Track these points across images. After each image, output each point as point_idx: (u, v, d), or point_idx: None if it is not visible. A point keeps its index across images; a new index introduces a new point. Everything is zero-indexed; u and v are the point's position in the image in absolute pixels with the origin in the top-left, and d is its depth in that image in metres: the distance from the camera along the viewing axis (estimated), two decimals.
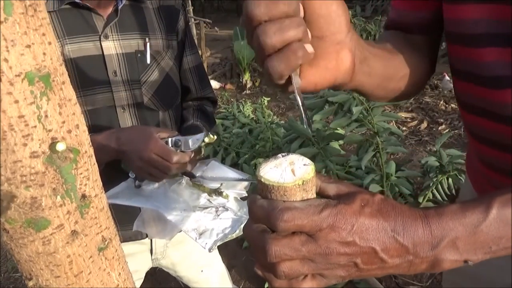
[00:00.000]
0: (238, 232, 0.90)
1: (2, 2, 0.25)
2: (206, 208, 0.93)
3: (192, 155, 0.96)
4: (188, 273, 1.37)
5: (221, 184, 0.96)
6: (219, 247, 1.46)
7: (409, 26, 0.71)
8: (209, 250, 0.87)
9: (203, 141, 0.96)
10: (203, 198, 0.94)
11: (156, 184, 0.95)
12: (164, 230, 0.96)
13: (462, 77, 0.64)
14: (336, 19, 0.43)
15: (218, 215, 0.92)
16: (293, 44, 0.39)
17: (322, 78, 0.46)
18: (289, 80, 0.43)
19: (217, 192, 0.94)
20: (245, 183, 0.99)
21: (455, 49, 0.63)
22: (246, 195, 0.99)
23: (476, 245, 0.41)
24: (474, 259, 0.42)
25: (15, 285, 2.38)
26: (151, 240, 1.22)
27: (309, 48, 0.40)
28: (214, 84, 5.83)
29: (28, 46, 0.27)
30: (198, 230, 0.89)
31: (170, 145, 0.95)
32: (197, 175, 1.00)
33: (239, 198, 0.97)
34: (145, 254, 1.25)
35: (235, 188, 0.97)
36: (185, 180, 0.94)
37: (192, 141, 0.95)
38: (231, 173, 0.99)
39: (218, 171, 1.00)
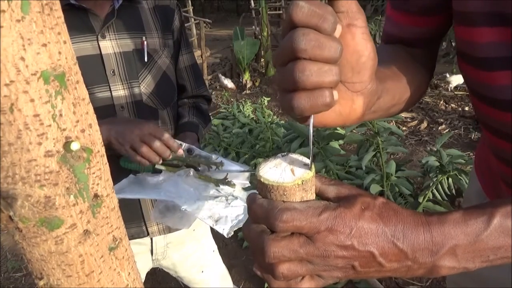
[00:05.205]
0: None
1: (19, 1, 0.25)
2: (216, 197, 0.96)
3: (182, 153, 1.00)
4: (189, 274, 1.37)
5: (227, 174, 0.98)
6: (219, 247, 1.47)
7: (410, 40, 0.70)
8: (227, 235, 0.90)
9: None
10: (211, 189, 0.97)
11: (161, 177, 0.96)
12: (181, 219, 0.99)
13: (475, 95, 0.64)
14: (362, 70, 0.43)
15: (229, 203, 0.95)
16: (325, 91, 0.39)
17: (333, 121, 0.46)
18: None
19: (224, 182, 0.97)
20: (247, 174, 1.02)
21: (468, 69, 0.62)
22: (249, 185, 1.02)
23: (474, 254, 0.41)
24: (471, 267, 0.42)
25: (15, 285, 2.37)
26: (151, 241, 1.22)
27: (335, 95, 0.40)
28: (226, 82, 5.83)
29: (44, 45, 0.27)
30: (213, 217, 0.92)
31: (182, 149, 0.99)
32: (200, 168, 1.02)
33: (242, 189, 1.00)
34: (146, 254, 1.25)
35: (238, 179, 1.00)
36: (192, 172, 0.96)
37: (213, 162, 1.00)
38: (233, 166, 1.02)
39: None
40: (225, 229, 0.88)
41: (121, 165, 1.02)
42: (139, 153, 0.93)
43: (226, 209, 0.93)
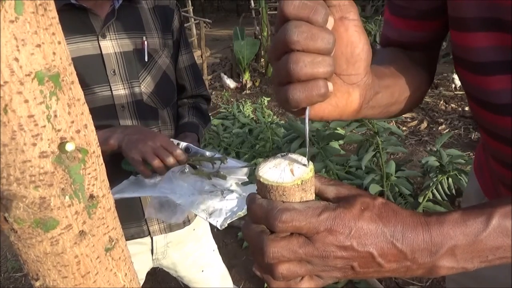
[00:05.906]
0: (245, 211, 0.93)
1: (13, 1, 0.25)
2: (212, 192, 0.97)
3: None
4: (189, 273, 1.37)
5: (219, 167, 0.99)
6: (219, 247, 1.46)
7: (409, 44, 0.70)
8: (220, 227, 0.90)
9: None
10: (208, 184, 0.98)
11: (158, 177, 0.96)
12: (175, 214, 1.00)
13: (472, 99, 0.64)
14: (357, 62, 0.44)
15: (224, 197, 0.96)
16: (319, 81, 0.39)
17: (330, 113, 0.47)
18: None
19: (215, 174, 0.98)
20: (245, 170, 1.02)
21: (464, 73, 0.62)
22: (247, 179, 1.02)
23: (473, 254, 0.41)
24: (470, 267, 0.42)
25: (15, 285, 2.37)
26: (151, 240, 1.22)
27: (330, 87, 0.41)
28: (229, 82, 5.85)
29: (38, 46, 0.27)
30: (207, 210, 0.92)
31: (180, 148, 0.99)
32: (197, 166, 1.02)
33: (240, 183, 1.01)
34: (146, 254, 1.25)
35: (236, 175, 1.01)
36: (187, 168, 0.97)
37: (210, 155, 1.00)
38: (231, 162, 1.03)
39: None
40: (218, 221, 0.89)
41: (122, 167, 1.02)
42: (151, 165, 0.95)
43: (221, 202, 0.94)
